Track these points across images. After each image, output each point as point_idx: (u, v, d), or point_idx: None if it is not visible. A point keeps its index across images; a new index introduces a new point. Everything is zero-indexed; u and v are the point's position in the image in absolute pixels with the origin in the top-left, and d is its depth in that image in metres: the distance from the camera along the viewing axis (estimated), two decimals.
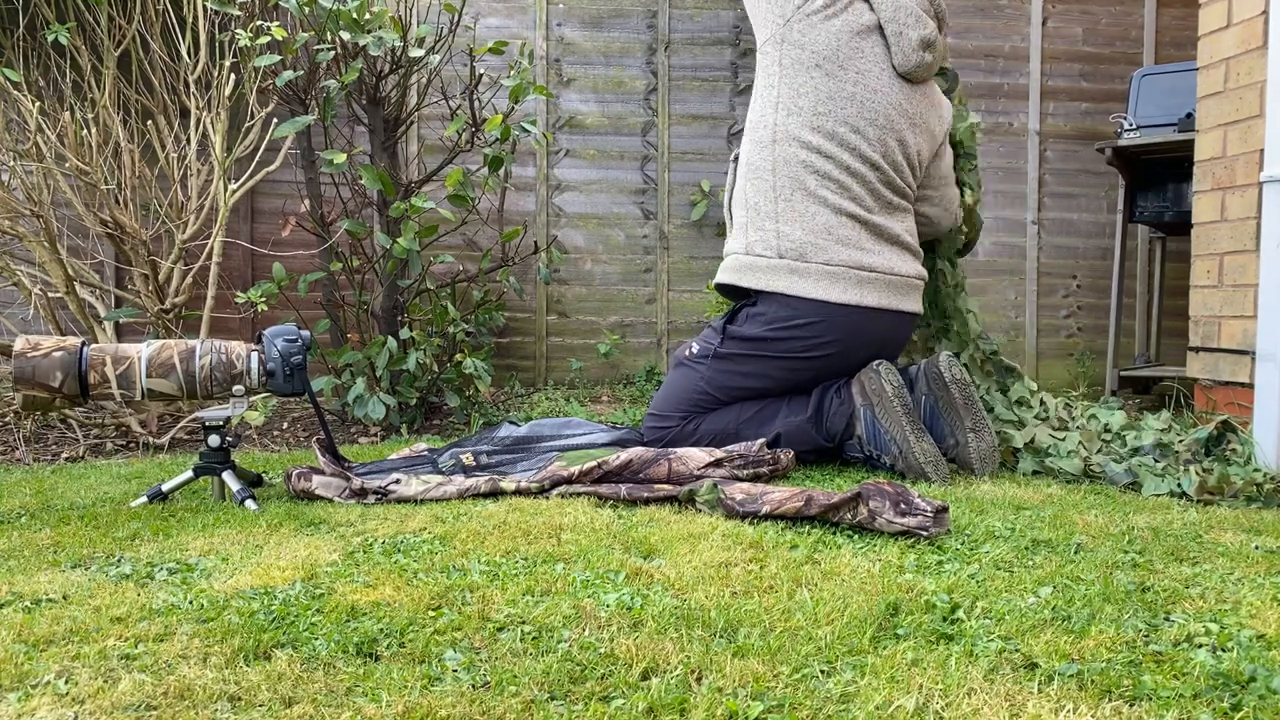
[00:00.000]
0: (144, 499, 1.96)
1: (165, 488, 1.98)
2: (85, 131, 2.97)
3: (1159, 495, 2.08)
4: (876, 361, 2.28)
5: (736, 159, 2.52)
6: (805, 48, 2.36)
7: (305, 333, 2.03)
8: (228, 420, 2.00)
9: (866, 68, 2.37)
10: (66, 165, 2.98)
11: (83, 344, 1.89)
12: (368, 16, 2.97)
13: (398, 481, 2.04)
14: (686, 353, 2.47)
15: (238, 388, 1.96)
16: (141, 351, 1.92)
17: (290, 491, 2.05)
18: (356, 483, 2.01)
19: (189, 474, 2.00)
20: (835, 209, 2.34)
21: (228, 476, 1.99)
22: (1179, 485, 2.09)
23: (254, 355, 1.98)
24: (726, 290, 2.52)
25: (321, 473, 2.06)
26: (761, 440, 2.26)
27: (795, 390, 2.40)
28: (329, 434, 2.18)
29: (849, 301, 2.31)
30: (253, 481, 2.10)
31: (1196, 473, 2.12)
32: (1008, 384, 2.72)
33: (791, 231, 2.34)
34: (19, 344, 1.86)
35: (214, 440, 1.99)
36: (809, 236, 2.33)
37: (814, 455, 2.37)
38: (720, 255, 2.77)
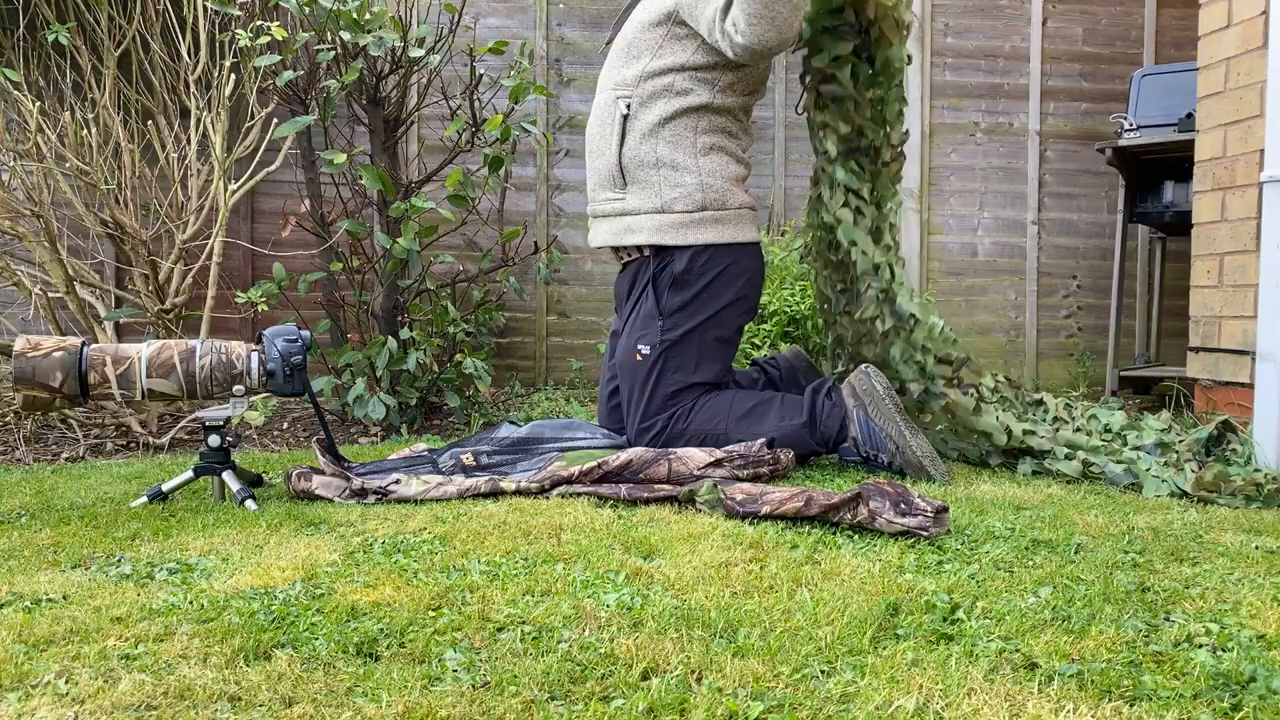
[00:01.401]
0: (144, 499, 1.96)
1: (165, 488, 1.98)
2: (85, 131, 2.97)
3: (1159, 496, 2.08)
4: (864, 365, 2.30)
5: (627, 116, 2.42)
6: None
7: (305, 333, 2.03)
8: (228, 420, 2.00)
9: None
10: (66, 165, 2.98)
11: (83, 344, 1.89)
12: (368, 16, 2.97)
13: (398, 481, 2.04)
14: (638, 357, 2.41)
15: (238, 388, 1.96)
16: (141, 351, 1.92)
17: (290, 491, 2.05)
18: (356, 483, 2.01)
19: (189, 474, 2.00)
20: (737, 158, 2.48)
21: (228, 476, 1.99)
22: (1177, 485, 2.09)
23: (254, 355, 1.98)
24: (626, 251, 2.50)
25: (321, 473, 2.06)
26: (761, 440, 2.24)
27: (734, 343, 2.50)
28: (329, 434, 2.18)
29: (752, 239, 2.47)
30: (253, 481, 2.10)
31: (1191, 470, 2.12)
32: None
33: (714, 182, 2.40)
34: (19, 344, 1.87)
35: (214, 440, 1.99)
36: (725, 184, 2.42)
37: (812, 456, 2.36)
38: None
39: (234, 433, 2.06)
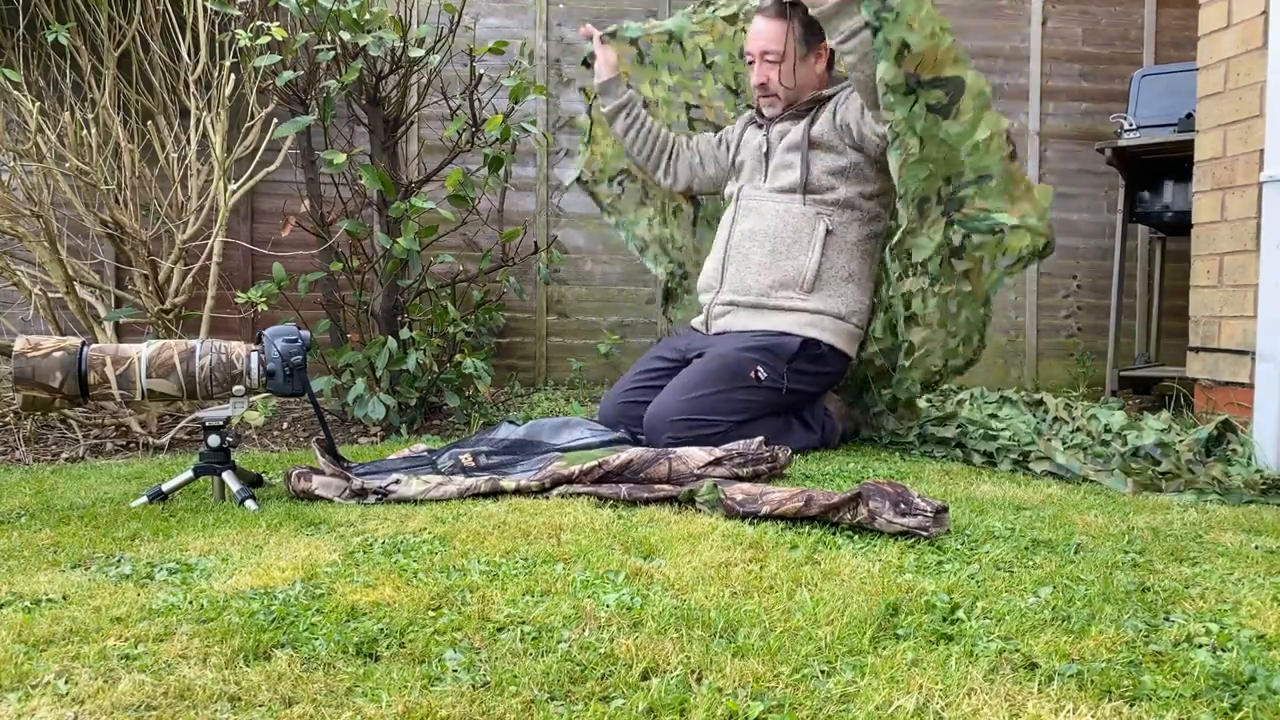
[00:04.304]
0: (144, 499, 1.96)
1: (165, 488, 1.98)
2: (85, 131, 2.97)
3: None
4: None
5: (831, 232, 2.67)
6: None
7: (305, 333, 2.02)
8: (228, 420, 2.00)
9: None
10: (66, 165, 2.98)
11: (83, 344, 1.89)
12: (368, 16, 2.97)
13: (398, 482, 2.04)
14: (752, 373, 2.58)
15: (238, 388, 1.96)
16: (141, 352, 1.92)
17: (290, 491, 2.05)
18: (356, 483, 2.00)
19: (189, 474, 2.00)
20: None
21: (228, 476, 1.99)
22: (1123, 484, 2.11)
23: (254, 355, 1.98)
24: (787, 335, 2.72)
25: (321, 473, 2.05)
26: (760, 438, 2.28)
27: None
28: (329, 434, 2.18)
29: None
30: (253, 481, 2.10)
31: (1124, 470, 2.14)
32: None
33: (868, 303, 2.74)
34: (19, 344, 1.86)
35: (214, 440, 1.99)
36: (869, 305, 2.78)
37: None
38: None
39: (234, 433, 2.06)
